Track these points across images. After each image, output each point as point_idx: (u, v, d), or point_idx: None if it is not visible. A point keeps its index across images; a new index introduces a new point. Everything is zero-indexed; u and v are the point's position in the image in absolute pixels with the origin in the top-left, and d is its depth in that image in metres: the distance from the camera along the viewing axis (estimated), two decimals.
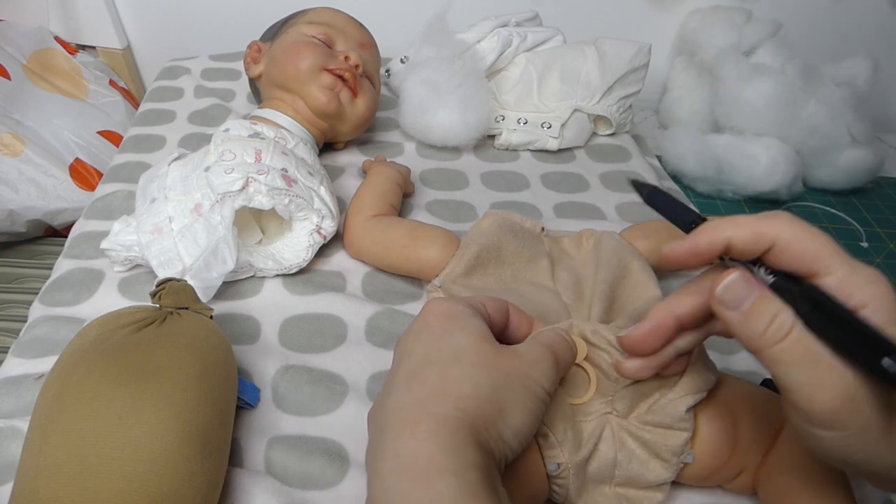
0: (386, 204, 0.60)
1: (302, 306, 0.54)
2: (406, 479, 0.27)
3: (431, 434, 0.28)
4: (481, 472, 0.27)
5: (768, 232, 0.29)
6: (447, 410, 0.29)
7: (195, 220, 0.52)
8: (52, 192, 0.93)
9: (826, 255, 0.28)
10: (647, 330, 0.34)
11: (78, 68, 1.09)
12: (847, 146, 0.96)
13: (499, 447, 0.30)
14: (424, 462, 0.27)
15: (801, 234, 0.29)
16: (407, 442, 0.28)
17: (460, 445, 0.27)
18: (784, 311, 0.28)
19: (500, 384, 0.30)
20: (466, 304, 0.34)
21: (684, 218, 0.33)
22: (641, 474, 0.38)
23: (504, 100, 0.81)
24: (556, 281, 0.52)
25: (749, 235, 0.29)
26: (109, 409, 0.34)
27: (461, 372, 0.30)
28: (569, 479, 0.37)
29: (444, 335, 0.32)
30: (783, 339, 0.28)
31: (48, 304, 0.54)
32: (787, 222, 0.29)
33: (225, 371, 0.41)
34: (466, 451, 0.27)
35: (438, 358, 0.31)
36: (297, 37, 0.70)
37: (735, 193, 0.96)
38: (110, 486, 0.32)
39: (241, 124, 0.61)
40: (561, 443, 0.36)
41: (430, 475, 0.26)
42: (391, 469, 0.28)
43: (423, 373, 0.31)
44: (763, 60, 0.99)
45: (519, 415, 0.30)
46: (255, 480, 0.40)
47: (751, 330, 0.29)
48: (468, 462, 0.27)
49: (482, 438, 0.29)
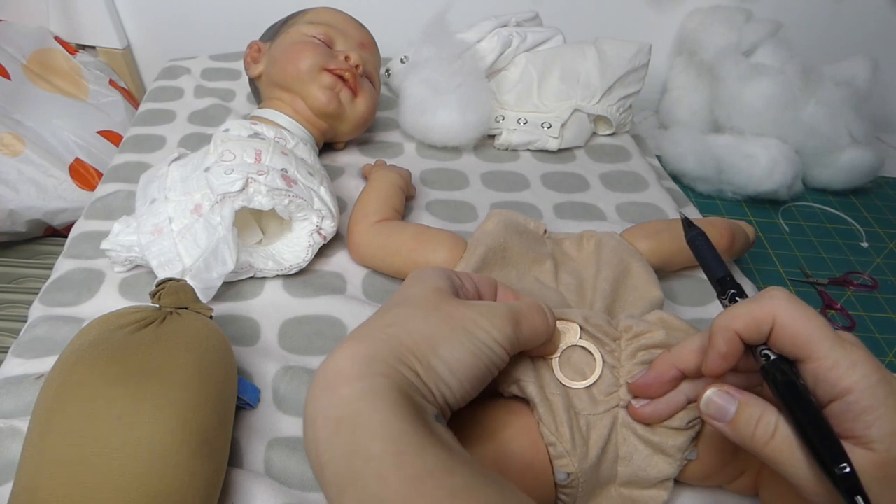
0: (389, 208, 0.60)
1: (302, 308, 0.54)
2: (317, 391, 0.29)
3: (348, 352, 0.29)
4: (390, 381, 0.28)
5: (766, 317, 0.30)
6: (371, 333, 0.31)
7: (195, 221, 0.52)
8: (52, 192, 0.92)
9: (817, 340, 0.29)
10: (650, 379, 0.37)
11: (78, 68, 1.09)
12: (847, 146, 0.96)
13: (430, 377, 0.30)
14: (335, 373, 0.29)
15: (796, 316, 0.30)
16: (326, 362, 0.30)
17: (373, 359, 0.29)
18: (767, 412, 0.30)
19: (435, 322, 0.31)
20: (441, 269, 0.36)
21: (716, 272, 0.37)
22: (645, 470, 0.38)
23: (504, 100, 0.81)
24: (559, 283, 0.52)
25: (751, 326, 0.31)
26: (109, 409, 0.34)
27: (399, 310, 0.32)
28: (577, 487, 0.37)
29: (405, 288, 0.35)
30: (771, 438, 0.29)
31: (48, 304, 0.54)
32: (783, 304, 0.30)
33: (225, 371, 0.41)
34: (378, 364, 0.28)
35: (390, 303, 0.34)
36: (298, 37, 0.70)
37: (735, 193, 0.96)
38: (110, 486, 0.32)
39: (241, 124, 0.61)
40: (570, 452, 0.36)
41: (337, 383, 0.28)
42: (312, 386, 0.29)
43: (373, 315, 0.33)
44: (763, 60, 0.99)
45: (455, 351, 0.31)
46: (255, 481, 0.40)
47: (740, 436, 0.31)
48: (377, 371, 0.28)
49: (405, 361, 0.29)
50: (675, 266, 0.60)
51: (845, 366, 0.28)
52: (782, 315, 0.30)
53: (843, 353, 0.29)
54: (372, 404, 0.27)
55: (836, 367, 0.29)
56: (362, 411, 0.26)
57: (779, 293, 0.31)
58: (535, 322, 0.36)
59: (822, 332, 0.29)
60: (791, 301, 0.30)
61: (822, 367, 0.29)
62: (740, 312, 0.31)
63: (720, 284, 0.36)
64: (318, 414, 0.28)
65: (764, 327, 0.30)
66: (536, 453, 0.37)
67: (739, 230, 0.63)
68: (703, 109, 1.07)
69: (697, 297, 0.59)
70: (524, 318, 0.35)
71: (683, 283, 0.60)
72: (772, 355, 0.31)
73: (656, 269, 0.54)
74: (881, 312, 0.79)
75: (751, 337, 0.31)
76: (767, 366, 0.31)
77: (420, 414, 0.28)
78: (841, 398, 0.29)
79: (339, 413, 0.27)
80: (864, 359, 0.29)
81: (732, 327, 0.31)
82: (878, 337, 0.75)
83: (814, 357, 0.29)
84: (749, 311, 0.31)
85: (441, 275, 0.35)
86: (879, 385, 0.28)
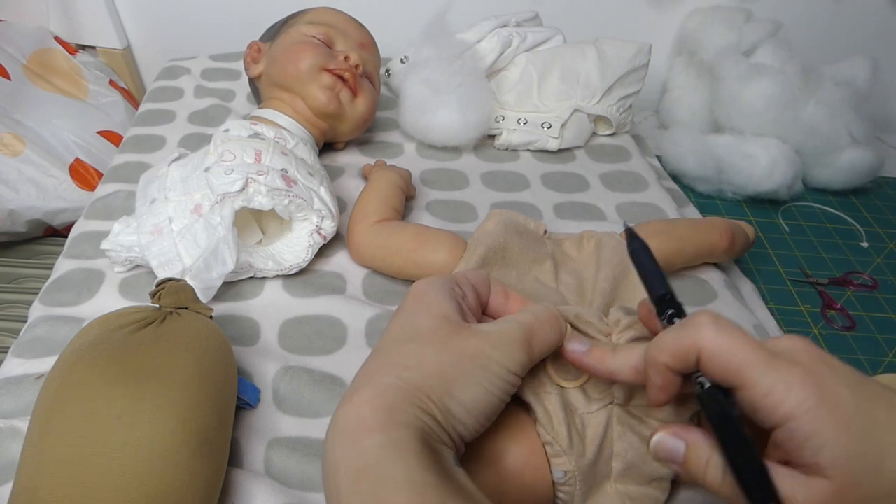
0: (389, 209, 0.60)
1: (302, 308, 0.54)
2: (339, 440, 0.28)
3: (367, 399, 0.29)
4: (411, 431, 0.27)
5: (691, 347, 0.29)
6: (388, 379, 0.30)
7: (195, 221, 0.52)
8: (52, 192, 0.92)
9: (750, 367, 0.27)
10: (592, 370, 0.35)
11: (78, 68, 1.09)
12: (847, 146, 0.96)
13: (448, 419, 0.29)
14: (355, 423, 0.28)
15: (722, 344, 0.28)
16: (345, 407, 0.29)
17: (393, 409, 0.28)
18: (715, 453, 0.29)
19: (449, 360, 0.31)
20: (443, 283, 0.35)
21: (656, 288, 0.34)
22: (640, 467, 0.38)
23: (504, 100, 0.81)
24: (560, 283, 0.52)
25: (677, 357, 0.29)
26: (109, 409, 0.34)
27: (411, 348, 0.31)
28: (575, 485, 0.37)
29: (411, 315, 0.34)
30: (723, 479, 0.28)
31: (48, 304, 0.54)
32: (708, 332, 0.28)
33: (225, 371, 0.41)
34: (398, 414, 0.28)
35: (399, 336, 0.33)
36: (298, 37, 0.70)
37: (735, 193, 0.96)
38: (110, 486, 0.32)
39: (241, 124, 0.61)
40: (566, 451, 0.36)
41: (358, 434, 0.27)
42: (331, 432, 0.29)
43: (382, 349, 0.32)
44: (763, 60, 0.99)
45: (470, 391, 0.30)
46: (255, 481, 0.40)
47: (693, 478, 0.29)
48: (398, 422, 0.27)
49: (422, 406, 0.29)
50: (675, 266, 0.60)
51: (780, 391, 0.27)
52: (707, 345, 0.28)
53: (778, 378, 0.27)
54: (395, 456, 0.26)
55: (771, 394, 0.27)
56: (385, 463, 0.26)
57: (705, 319, 0.29)
58: (549, 338, 0.35)
59: (752, 358, 0.27)
60: (718, 327, 0.28)
61: (757, 395, 0.27)
62: (667, 343, 0.30)
63: (659, 303, 0.33)
64: (340, 464, 0.27)
65: (690, 357, 0.29)
66: (533, 453, 0.37)
67: (739, 230, 0.63)
68: (703, 109, 1.07)
69: (697, 297, 0.59)
70: (536, 337, 0.34)
71: (683, 283, 0.60)
72: (707, 383, 0.29)
73: None
74: (881, 312, 0.79)
75: (679, 368, 0.30)
76: (701, 395, 0.29)
77: (440, 462, 0.27)
78: (782, 425, 0.27)
79: (362, 464, 0.26)
80: (800, 380, 0.27)
81: (660, 360, 0.30)
82: (878, 337, 0.75)
83: (746, 385, 0.27)
84: (675, 342, 0.29)
85: (445, 295, 0.34)
86: (820, 407, 0.26)
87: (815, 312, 0.78)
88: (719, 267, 0.64)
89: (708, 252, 0.60)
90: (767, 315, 0.63)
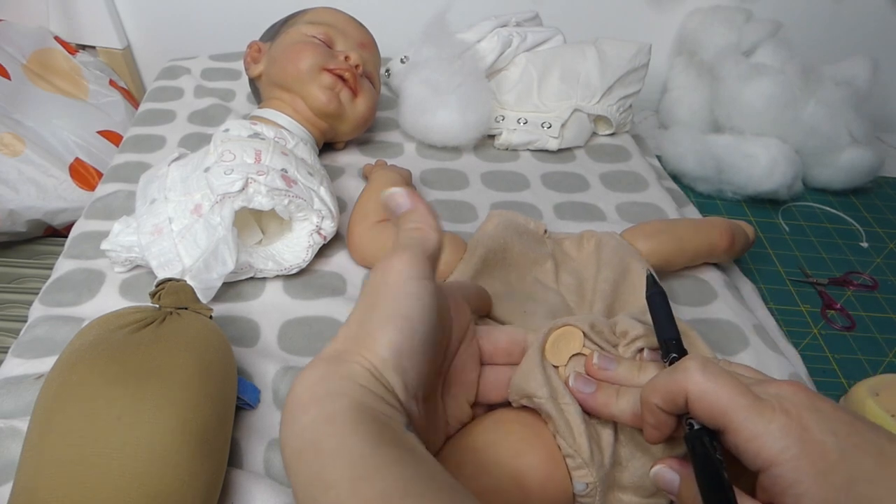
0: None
1: (302, 309, 0.54)
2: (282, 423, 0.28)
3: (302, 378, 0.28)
4: (345, 400, 0.27)
5: (679, 391, 0.30)
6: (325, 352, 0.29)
7: (195, 221, 0.52)
8: (52, 192, 0.92)
9: (735, 411, 0.28)
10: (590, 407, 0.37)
11: (78, 68, 1.09)
12: (847, 146, 0.96)
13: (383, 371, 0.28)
14: (293, 403, 0.28)
15: (707, 389, 0.29)
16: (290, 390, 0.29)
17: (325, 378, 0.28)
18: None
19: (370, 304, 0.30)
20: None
21: (666, 333, 0.37)
22: (642, 478, 0.38)
23: (504, 100, 0.81)
24: (560, 284, 0.52)
25: (667, 399, 0.31)
26: (109, 409, 0.34)
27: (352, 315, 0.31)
28: (595, 496, 0.37)
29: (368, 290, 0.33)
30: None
31: (48, 304, 0.54)
32: (695, 377, 0.29)
33: (224, 371, 0.41)
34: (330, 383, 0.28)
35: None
36: (298, 37, 0.70)
37: (735, 193, 0.96)
38: (110, 486, 0.32)
39: (241, 124, 0.61)
40: (588, 462, 0.36)
41: (295, 413, 0.27)
42: (282, 413, 0.29)
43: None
44: (763, 60, 0.99)
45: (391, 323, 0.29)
46: (254, 481, 0.40)
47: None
48: (330, 392, 0.27)
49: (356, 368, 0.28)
50: (675, 266, 0.60)
51: (765, 437, 0.27)
52: (694, 389, 0.29)
53: (762, 423, 0.27)
54: (328, 430, 0.26)
55: (756, 439, 0.27)
56: (320, 438, 0.26)
57: (692, 364, 0.30)
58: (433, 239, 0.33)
59: (737, 403, 0.28)
60: (705, 372, 0.29)
61: (741, 440, 0.28)
62: (658, 385, 0.31)
63: (665, 345, 0.36)
64: (285, 445, 0.27)
65: (679, 400, 0.30)
66: (555, 466, 0.36)
67: (739, 230, 0.63)
68: (703, 109, 1.07)
69: (697, 297, 0.59)
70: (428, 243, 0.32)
71: (683, 283, 0.60)
72: (695, 425, 0.30)
73: (656, 269, 0.54)
74: (881, 312, 0.79)
75: (669, 409, 0.31)
76: (687, 436, 0.30)
77: (381, 429, 0.26)
78: (766, 470, 0.27)
79: (300, 443, 0.26)
80: (784, 427, 0.27)
81: (652, 401, 0.31)
82: (878, 337, 0.75)
83: (731, 429, 0.28)
84: (665, 385, 0.31)
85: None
86: (803, 455, 0.27)
87: (815, 312, 0.78)
88: (719, 267, 0.64)
89: (708, 252, 0.60)
90: (767, 315, 0.63)
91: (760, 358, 0.53)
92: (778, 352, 0.54)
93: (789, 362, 0.54)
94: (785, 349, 0.58)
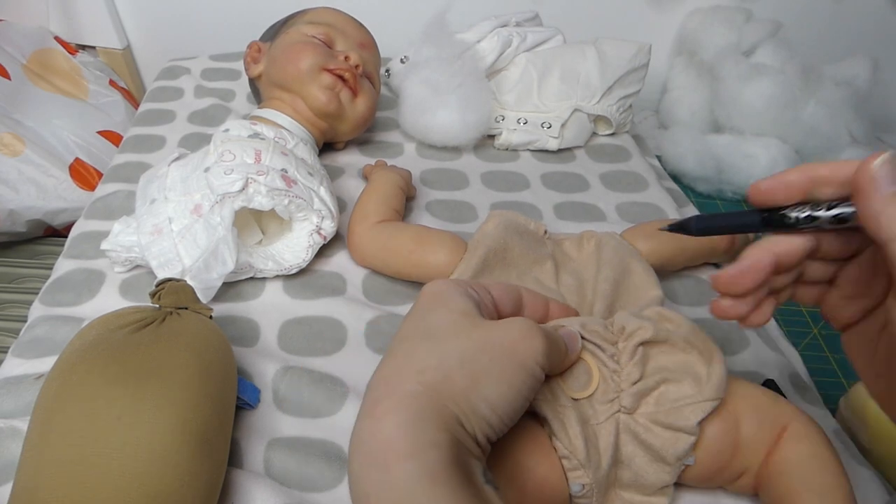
0: (390, 209, 0.60)
1: (302, 309, 0.54)
2: (367, 467, 0.26)
3: (389, 412, 0.27)
4: (443, 451, 0.26)
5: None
6: (408, 386, 0.28)
7: (195, 221, 0.52)
8: (52, 192, 0.93)
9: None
10: (743, 268, 0.31)
11: (78, 68, 1.09)
12: (847, 146, 0.96)
13: (474, 421, 0.28)
14: (383, 447, 0.26)
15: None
16: (366, 423, 0.27)
17: (419, 423, 0.26)
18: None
19: (472, 353, 0.29)
20: (458, 284, 0.33)
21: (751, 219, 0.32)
22: (643, 477, 0.38)
23: (504, 100, 0.81)
24: (560, 284, 0.52)
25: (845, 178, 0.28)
26: (109, 409, 0.34)
27: (429, 346, 0.30)
28: (592, 497, 0.37)
29: (426, 313, 0.32)
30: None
31: (48, 304, 0.54)
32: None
33: (225, 371, 0.41)
34: (426, 429, 0.26)
35: (413, 335, 0.31)
36: (298, 37, 0.70)
37: (735, 193, 0.96)
38: (110, 486, 0.32)
39: (241, 124, 0.61)
40: (584, 464, 0.36)
41: (388, 461, 0.25)
42: (355, 453, 0.27)
43: (395, 349, 0.31)
44: (763, 60, 0.99)
45: (495, 385, 0.29)
46: (254, 481, 0.40)
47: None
48: (427, 441, 0.26)
49: (449, 412, 0.27)
50: (676, 266, 0.60)
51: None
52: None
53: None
54: (428, 489, 0.25)
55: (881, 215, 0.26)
56: (418, 495, 0.25)
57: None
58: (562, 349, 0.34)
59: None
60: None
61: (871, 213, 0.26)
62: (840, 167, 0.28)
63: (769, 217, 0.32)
64: (371, 494, 0.26)
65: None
66: (551, 467, 0.36)
67: None
68: (703, 109, 1.07)
69: (697, 297, 0.59)
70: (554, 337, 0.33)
71: (683, 283, 0.60)
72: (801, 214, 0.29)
73: (656, 269, 0.54)
74: None
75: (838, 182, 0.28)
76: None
77: (472, 483, 0.26)
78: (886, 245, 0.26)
79: (395, 497, 0.25)
80: None
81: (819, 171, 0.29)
82: None
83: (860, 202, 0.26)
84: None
85: (461, 292, 0.32)
86: None
87: (815, 312, 0.78)
88: (719, 267, 0.64)
89: (708, 252, 0.60)
90: None
91: (760, 358, 0.53)
92: (778, 352, 0.54)
93: (789, 362, 0.54)
94: (785, 349, 0.58)
